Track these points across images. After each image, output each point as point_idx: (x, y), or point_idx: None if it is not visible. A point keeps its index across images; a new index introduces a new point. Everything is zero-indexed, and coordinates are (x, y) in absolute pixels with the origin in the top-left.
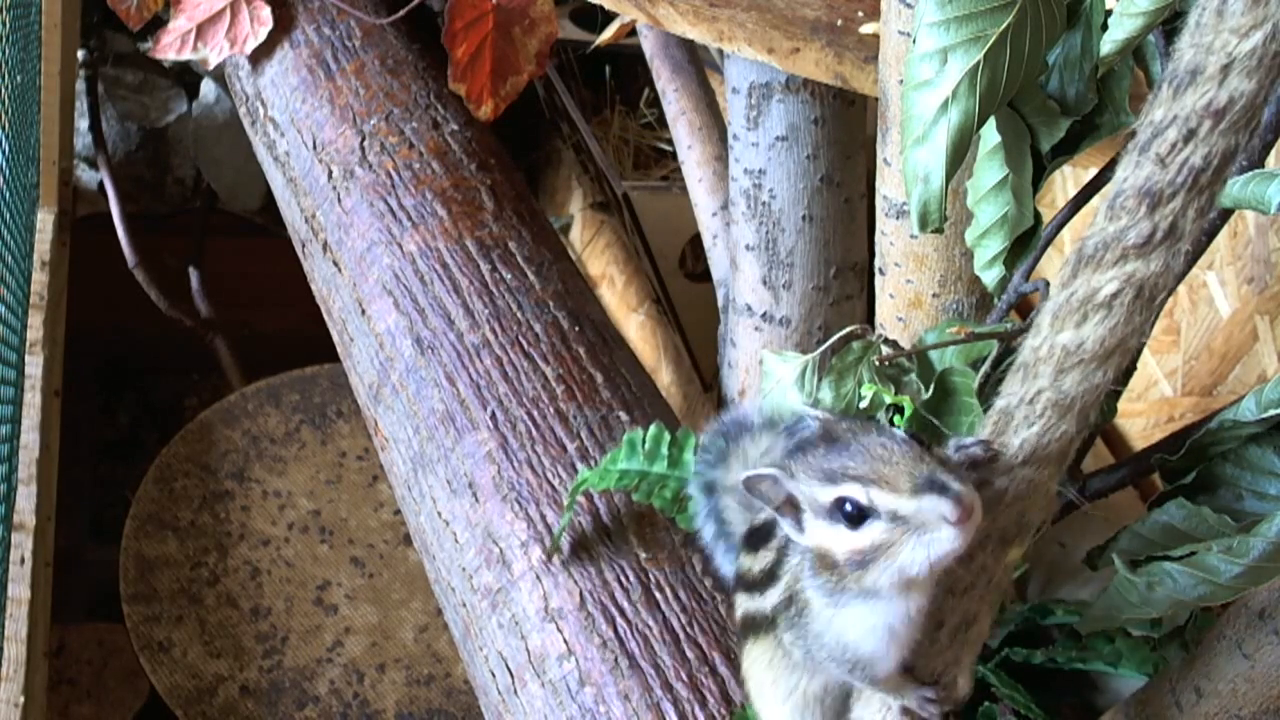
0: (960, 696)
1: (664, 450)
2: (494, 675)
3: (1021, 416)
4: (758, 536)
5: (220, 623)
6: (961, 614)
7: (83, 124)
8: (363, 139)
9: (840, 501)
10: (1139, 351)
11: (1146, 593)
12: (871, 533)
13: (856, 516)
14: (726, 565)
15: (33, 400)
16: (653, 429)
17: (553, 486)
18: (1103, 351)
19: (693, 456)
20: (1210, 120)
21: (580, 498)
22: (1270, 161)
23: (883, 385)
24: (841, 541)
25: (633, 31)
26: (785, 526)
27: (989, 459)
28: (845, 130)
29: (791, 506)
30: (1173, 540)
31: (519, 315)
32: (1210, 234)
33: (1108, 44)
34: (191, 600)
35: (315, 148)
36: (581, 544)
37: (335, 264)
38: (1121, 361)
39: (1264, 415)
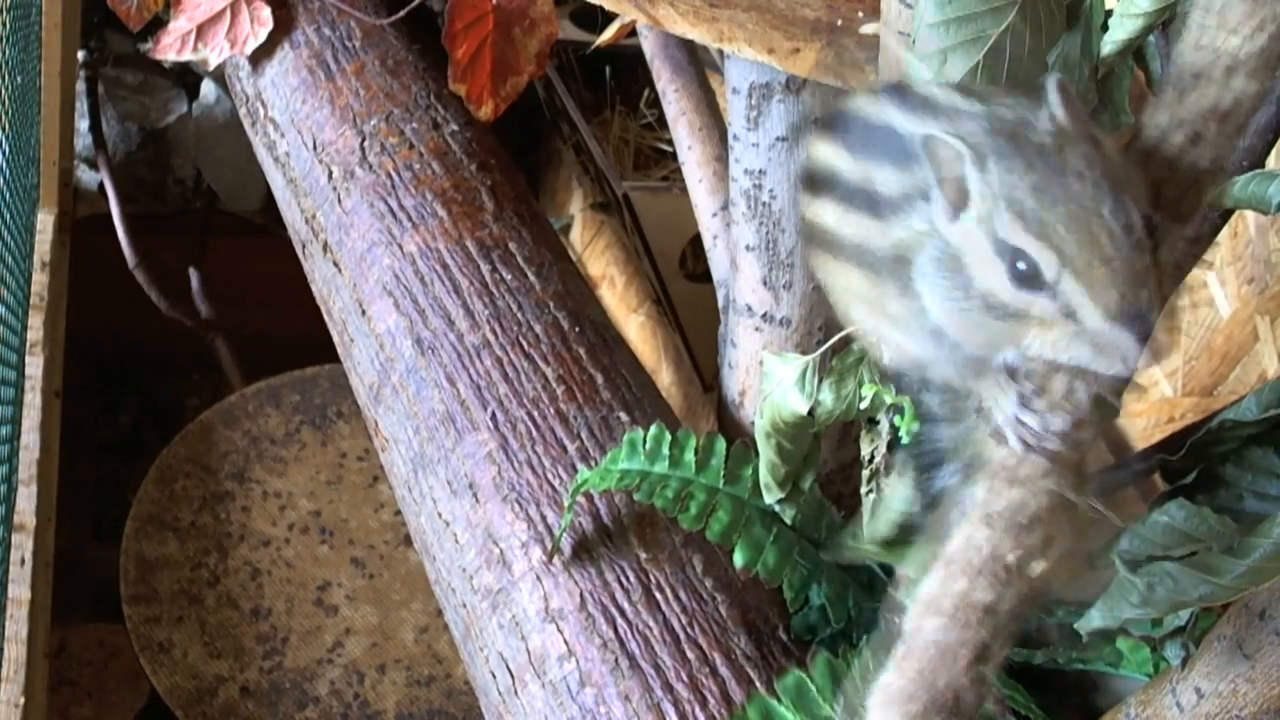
0: (989, 711)
1: (665, 450)
2: (494, 676)
3: None
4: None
5: (220, 623)
6: (990, 629)
7: (83, 125)
8: (363, 140)
9: (1019, 254)
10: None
11: (1147, 593)
12: (1030, 302)
13: (1027, 279)
14: None
15: (33, 401)
16: (653, 429)
17: (553, 487)
18: None
19: None
20: (1216, 123)
21: (580, 498)
22: (1270, 161)
23: (883, 386)
24: (989, 278)
25: (633, 32)
26: (934, 203)
27: None
28: None
29: (957, 192)
30: (1173, 540)
31: (519, 316)
32: (1211, 234)
33: (1108, 44)
34: (192, 601)
35: (315, 148)
36: (582, 545)
37: (335, 264)
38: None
39: (1265, 415)
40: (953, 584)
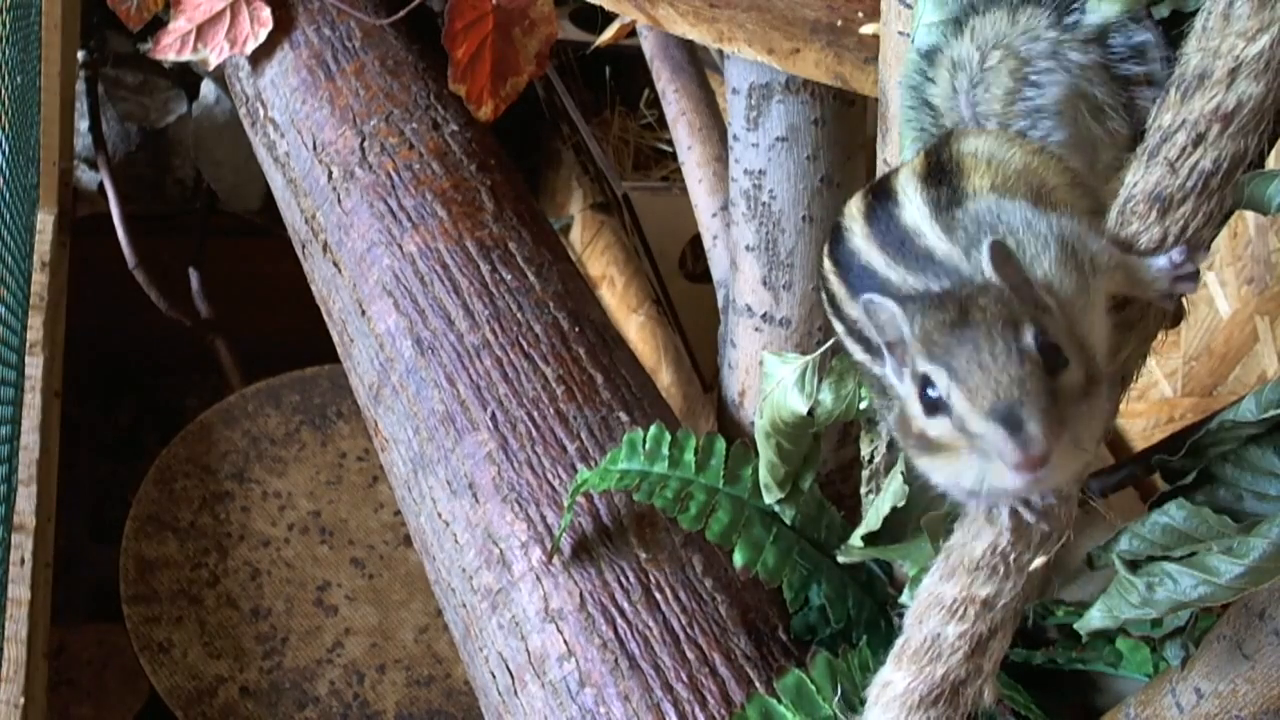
0: (987, 703)
1: (664, 450)
2: (494, 676)
3: None
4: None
5: (220, 623)
6: (989, 623)
7: (83, 125)
8: (363, 140)
9: (925, 379)
10: (1147, 352)
11: (1147, 593)
12: (938, 427)
13: (931, 404)
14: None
15: (33, 401)
16: (653, 429)
17: (553, 487)
18: (1119, 361)
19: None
20: (1219, 124)
21: (580, 498)
22: (1270, 161)
23: None
24: (916, 416)
25: (633, 32)
26: (887, 367)
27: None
28: (845, 131)
29: (900, 349)
30: (1173, 541)
31: (519, 316)
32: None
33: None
34: (191, 601)
35: (315, 148)
36: (582, 545)
37: (335, 265)
38: (1139, 366)
39: (1264, 416)
40: (954, 579)
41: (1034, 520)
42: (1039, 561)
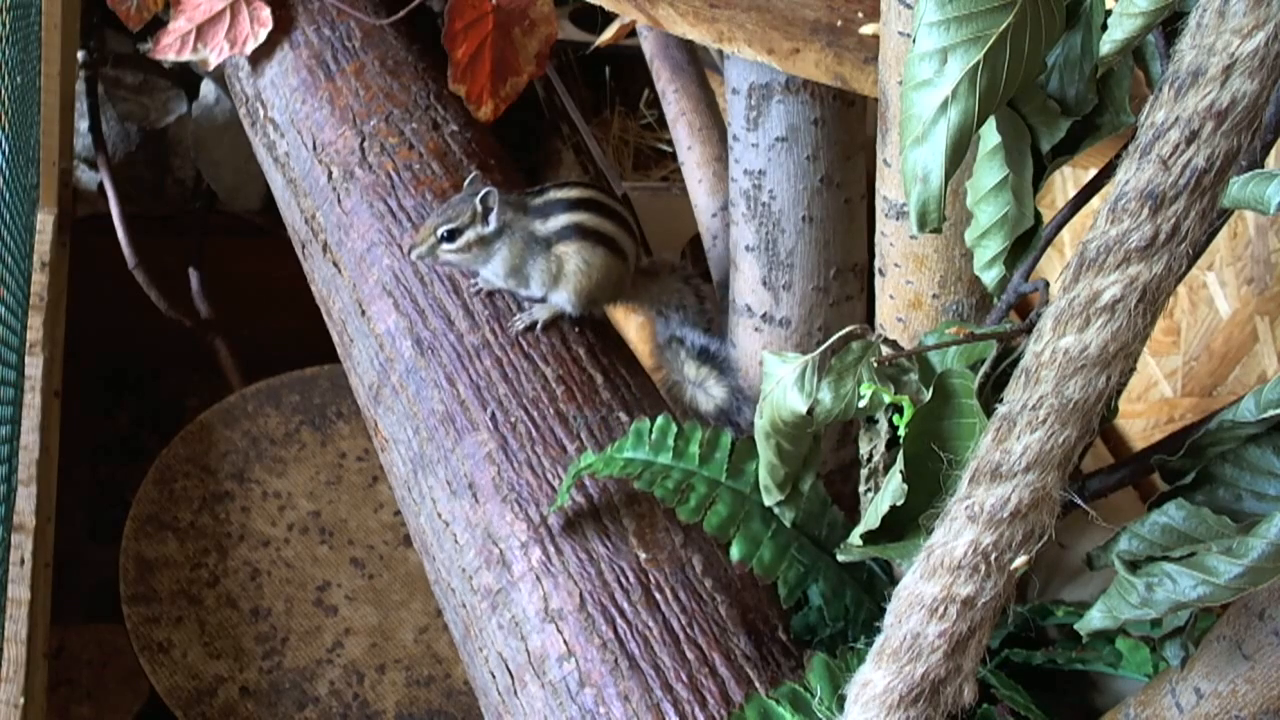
0: (967, 702)
1: (670, 441)
2: (494, 676)
3: (1024, 422)
4: None
5: (220, 624)
6: (970, 622)
7: (82, 125)
8: (363, 140)
9: None
10: (1139, 352)
11: (1146, 594)
12: None
13: None
14: None
15: (33, 401)
16: (660, 420)
17: (552, 487)
18: (1106, 356)
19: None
20: (1213, 121)
21: (580, 499)
22: (1270, 162)
23: (882, 385)
24: None
25: (633, 32)
26: None
27: None
28: (845, 131)
29: None
30: (1172, 541)
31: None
32: (1210, 234)
33: (1107, 44)
34: (191, 601)
35: (315, 149)
36: (582, 546)
37: (335, 265)
38: (1125, 365)
39: (1263, 416)
40: (934, 577)
41: None
42: (1021, 560)
